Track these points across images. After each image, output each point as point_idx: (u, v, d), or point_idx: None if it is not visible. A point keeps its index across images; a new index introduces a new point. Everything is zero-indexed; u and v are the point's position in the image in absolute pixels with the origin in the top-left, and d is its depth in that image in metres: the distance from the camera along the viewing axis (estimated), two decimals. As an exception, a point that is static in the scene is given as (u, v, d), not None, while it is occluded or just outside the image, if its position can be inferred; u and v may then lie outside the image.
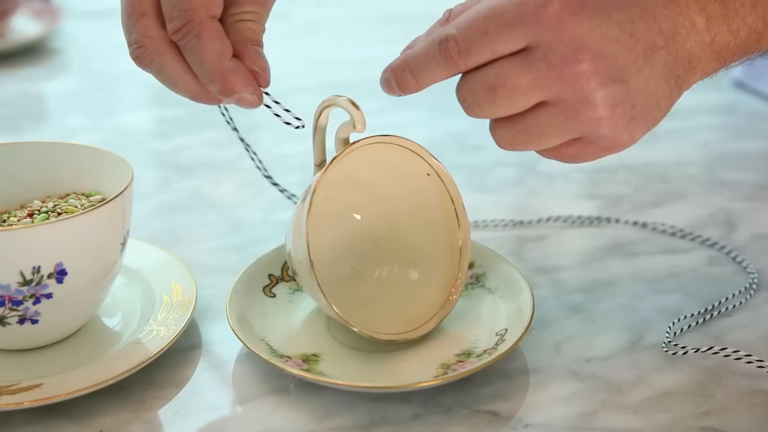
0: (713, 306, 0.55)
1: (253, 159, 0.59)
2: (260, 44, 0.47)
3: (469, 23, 0.42)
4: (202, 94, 0.47)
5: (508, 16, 0.41)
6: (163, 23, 0.46)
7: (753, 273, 0.59)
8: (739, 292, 0.57)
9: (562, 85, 0.41)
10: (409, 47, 0.46)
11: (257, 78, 0.47)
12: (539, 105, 0.42)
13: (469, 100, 0.43)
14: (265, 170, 0.59)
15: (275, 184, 0.60)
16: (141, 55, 0.47)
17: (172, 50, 0.46)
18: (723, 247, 0.62)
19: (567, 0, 0.40)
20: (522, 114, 0.43)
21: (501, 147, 0.45)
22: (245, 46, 0.46)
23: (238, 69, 0.46)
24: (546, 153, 0.45)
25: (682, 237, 0.64)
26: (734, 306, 0.55)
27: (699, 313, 0.55)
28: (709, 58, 0.43)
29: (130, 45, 0.48)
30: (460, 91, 0.43)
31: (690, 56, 0.42)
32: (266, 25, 0.48)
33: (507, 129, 0.43)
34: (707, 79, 0.46)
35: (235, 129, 0.57)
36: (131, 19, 0.47)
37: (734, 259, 0.61)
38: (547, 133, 0.43)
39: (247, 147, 0.58)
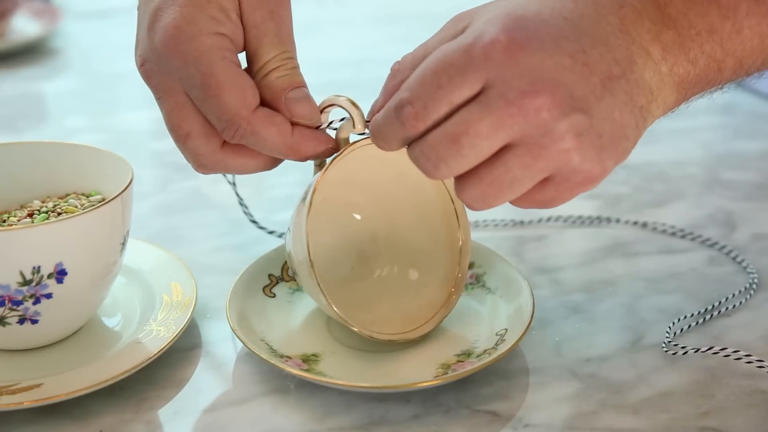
0: (713, 306, 0.55)
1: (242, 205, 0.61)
2: (295, 85, 0.47)
3: (420, 81, 0.40)
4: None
5: (458, 63, 0.39)
6: (209, 134, 0.47)
7: (753, 273, 0.59)
8: (739, 292, 0.57)
9: (524, 121, 0.39)
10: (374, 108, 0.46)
11: (304, 125, 0.47)
12: (504, 149, 0.40)
13: (433, 159, 0.41)
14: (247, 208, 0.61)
15: (253, 221, 0.62)
16: (205, 171, 0.49)
17: (231, 149, 0.48)
18: (723, 247, 0.62)
19: (513, 34, 0.39)
20: (488, 163, 0.40)
21: (474, 208, 0.42)
22: (279, 100, 0.47)
23: (304, 138, 0.47)
24: (521, 201, 0.42)
25: (683, 237, 0.64)
26: (734, 306, 0.55)
27: (699, 313, 0.55)
28: (670, 89, 0.42)
29: (191, 163, 0.49)
30: (423, 152, 0.41)
31: (650, 86, 0.41)
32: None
33: (476, 185, 0.41)
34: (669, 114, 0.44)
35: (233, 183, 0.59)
36: (179, 144, 0.49)
37: (734, 259, 0.61)
38: (518, 177, 0.40)
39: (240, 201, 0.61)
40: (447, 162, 0.40)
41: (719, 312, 0.55)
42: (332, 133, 0.49)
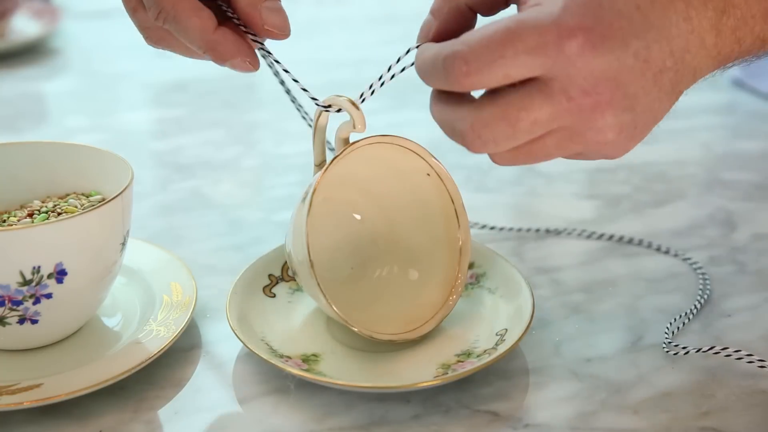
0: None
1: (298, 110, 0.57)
2: None
3: (484, 43, 0.39)
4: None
5: (530, 43, 0.39)
6: None
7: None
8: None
9: (578, 116, 0.40)
10: (425, 28, 0.46)
11: (274, 36, 0.47)
12: (549, 131, 0.41)
13: (484, 137, 0.41)
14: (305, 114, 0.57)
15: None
16: (149, 42, 0.51)
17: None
18: (676, 255, 0.61)
19: (589, 33, 0.39)
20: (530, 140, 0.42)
21: (497, 163, 0.43)
22: (255, 8, 0.47)
23: (225, 39, 0.47)
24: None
25: (638, 244, 0.64)
26: (734, 306, 0.55)
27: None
28: (712, 67, 0.43)
29: (141, 35, 0.51)
30: (473, 128, 0.41)
31: (695, 70, 0.42)
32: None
33: (510, 152, 0.42)
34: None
35: (281, 82, 0.56)
36: (129, 14, 0.50)
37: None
38: (551, 153, 0.42)
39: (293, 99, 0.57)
40: (498, 142, 0.41)
41: (719, 312, 0.55)
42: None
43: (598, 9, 0.39)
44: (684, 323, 0.53)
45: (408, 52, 0.45)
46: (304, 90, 0.48)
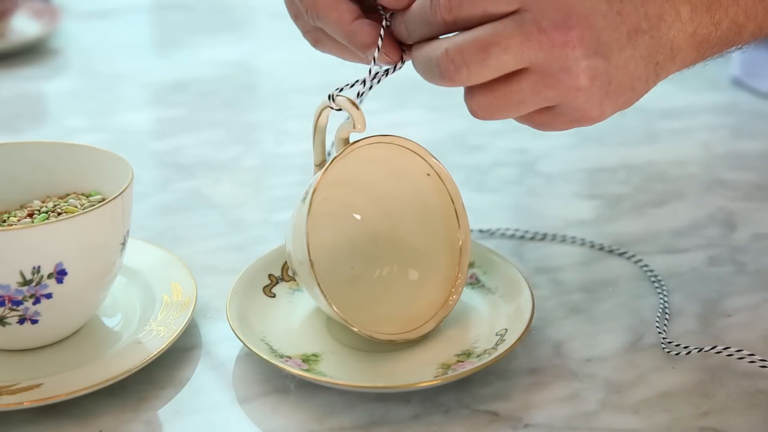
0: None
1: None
2: None
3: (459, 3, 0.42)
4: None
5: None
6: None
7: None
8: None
9: (549, 51, 0.41)
10: None
11: (387, 5, 0.48)
12: (521, 71, 0.42)
13: (458, 61, 0.42)
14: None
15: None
16: (313, 44, 0.53)
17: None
18: (639, 260, 0.61)
19: None
20: (503, 80, 0.43)
21: (477, 116, 0.45)
22: None
23: (362, 29, 0.48)
24: (521, 119, 0.46)
25: (600, 249, 0.64)
26: (734, 306, 0.55)
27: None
28: (690, 48, 0.44)
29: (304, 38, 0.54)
30: (447, 54, 0.43)
31: (672, 45, 0.43)
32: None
33: (486, 96, 0.43)
34: (685, 71, 0.46)
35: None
36: (292, 19, 0.53)
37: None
38: (526, 99, 0.43)
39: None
40: (470, 67, 0.42)
41: (719, 312, 0.55)
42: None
43: None
44: (667, 321, 0.53)
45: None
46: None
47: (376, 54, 0.47)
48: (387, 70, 0.48)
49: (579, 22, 0.41)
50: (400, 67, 0.49)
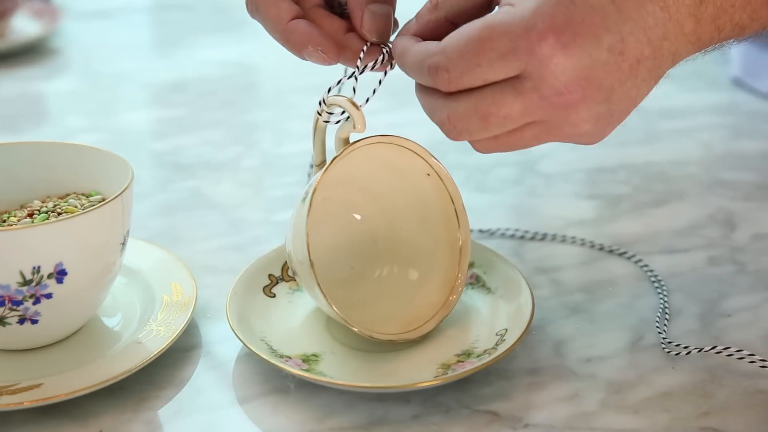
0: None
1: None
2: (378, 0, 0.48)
3: (460, 53, 0.41)
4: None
5: (501, 48, 0.40)
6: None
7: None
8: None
9: (551, 112, 0.41)
10: (406, 28, 0.47)
11: (372, 40, 0.48)
12: (525, 124, 0.43)
13: (459, 128, 0.43)
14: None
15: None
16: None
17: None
18: (639, 260, 0.61)
19: (559, 33, 0.40)
20: (507, 132, 0.43)
21: (478, 151, 0.45)
22: (361, 7, 0.47)
23: (297, 29, 0.47)
24: None
25: (600, 249, 0.64)
26: (734, 306, 0.55)
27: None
28: (691, 52, 0.44)
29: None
30: (449, 118, 0.43)
31: (674, 55, 0.42)
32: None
33: (488, 141, 0.44)
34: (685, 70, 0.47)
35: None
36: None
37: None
38: (528, 143, 0.43)
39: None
40: (471, 133, 0.43)
41: (719, 312, 0.55)
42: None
43: (570, 6, 0.40)
44: (667, 321, 0.53)
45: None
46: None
47: (309, 51, 0.47)
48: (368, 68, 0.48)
49: (580, 84, 0.40)
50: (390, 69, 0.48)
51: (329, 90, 0.49)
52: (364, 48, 0.48)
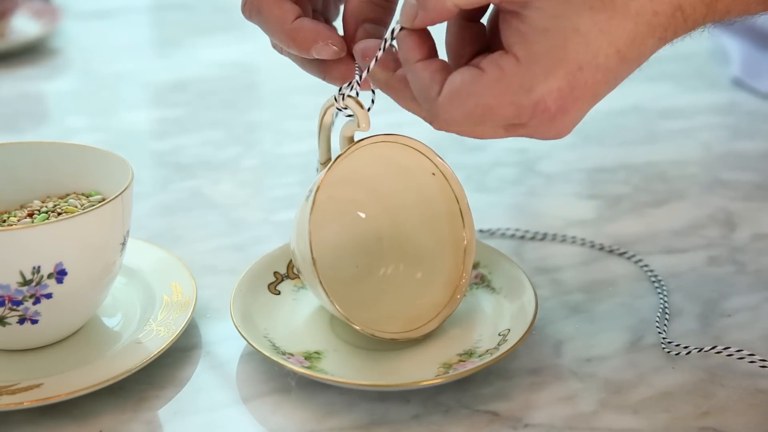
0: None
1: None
2: (372, 19, 0.47)
3: (465, 117, 0.41)
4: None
5: (506, 115, 0.41)
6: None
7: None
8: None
9: (538, 138, 0.43)
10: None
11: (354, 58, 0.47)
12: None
13: (442, 120, 0.43)
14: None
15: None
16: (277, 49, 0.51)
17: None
18: (639, 260, 0.61)
19: (564, 103, 0.40)
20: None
21: (438, 128, 0.44)
22: (356, 28, 0.47)
23: (303, 27, 0.47)
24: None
25: (600, 249, 0.64)
26: (734, 306, 0.55)
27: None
28: (683, 34, 0.43)
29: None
30: (436, 115, 0.43)
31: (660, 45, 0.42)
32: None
33: (458, 128, 0.43)
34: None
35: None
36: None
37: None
38: (503, 137, 0.43)
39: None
40: (450, 127, 0.43)
41: (719, 312, 0.55)
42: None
43: (578, 73, 0.39)
44: (666, 321, 0.53)
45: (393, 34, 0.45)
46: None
47: (318, 47, 0.47)
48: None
49: (569, 130, 0.42)
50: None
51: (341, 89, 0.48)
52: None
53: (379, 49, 0.45)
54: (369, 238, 0.55)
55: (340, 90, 0.48)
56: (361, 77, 0.46)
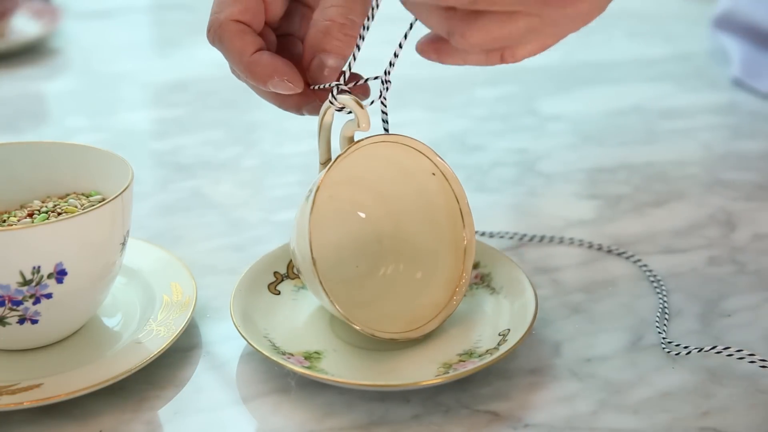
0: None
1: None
2: (330, 51, 0.48)
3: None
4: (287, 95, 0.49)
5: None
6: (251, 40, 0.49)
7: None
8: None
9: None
10: None
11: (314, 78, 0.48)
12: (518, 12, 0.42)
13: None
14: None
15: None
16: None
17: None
18: (638, 260, 0.61)
19: None
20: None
21: (461, 43, 0.43)
22: (313, 56, 0.48)
23: (261, 61, 0.47)
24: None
25: (599, 249, 0.64)
26: (734, 306, 0.55)
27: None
28: None
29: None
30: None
31: None
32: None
33: (479, 31, 0.42)
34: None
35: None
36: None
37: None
38: (520, 37, 0.42)
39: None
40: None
41: (719, 312, 0.55)
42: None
43: None
44: (666, 321, 0.53)
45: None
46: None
47: (274, 82, 0.47)
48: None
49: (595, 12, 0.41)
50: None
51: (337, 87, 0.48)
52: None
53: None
54: (369, 238, 0.55)
55: (331, 93, 0.48)
56: (337, 91, 0.47)
